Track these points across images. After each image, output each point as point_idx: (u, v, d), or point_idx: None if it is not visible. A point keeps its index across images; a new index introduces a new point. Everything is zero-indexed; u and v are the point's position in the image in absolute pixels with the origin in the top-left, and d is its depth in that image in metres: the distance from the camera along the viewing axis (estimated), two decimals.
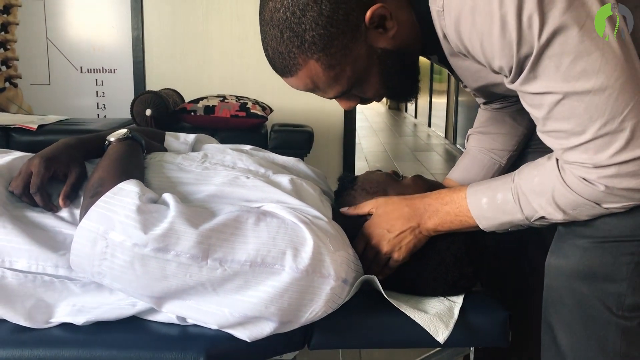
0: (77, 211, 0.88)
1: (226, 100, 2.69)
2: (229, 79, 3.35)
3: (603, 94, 0.69)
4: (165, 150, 1.12)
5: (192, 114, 2.62)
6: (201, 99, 2.70)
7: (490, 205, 0.85)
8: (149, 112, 2.52)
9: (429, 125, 8.40)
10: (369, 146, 6.62)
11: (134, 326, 0.86)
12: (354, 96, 0.90)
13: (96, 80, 3.40)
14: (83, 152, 0.98)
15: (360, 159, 5.21)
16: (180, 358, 0.81)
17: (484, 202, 0.85)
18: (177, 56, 3.36)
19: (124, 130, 1.00)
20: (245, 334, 0.82)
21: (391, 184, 1.02)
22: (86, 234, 0.77)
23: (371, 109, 12.06)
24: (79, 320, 0.85)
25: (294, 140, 2.69)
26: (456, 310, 0.91)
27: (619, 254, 0.79)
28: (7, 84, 3.37)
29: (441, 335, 0.85)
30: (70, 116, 2.91)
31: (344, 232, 0.90)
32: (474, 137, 1.22)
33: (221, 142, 1.26)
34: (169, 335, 0.85)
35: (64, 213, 0.89)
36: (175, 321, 0.86)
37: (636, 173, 0.71)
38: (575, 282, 0.82)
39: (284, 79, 0.86)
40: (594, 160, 0.72)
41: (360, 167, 4.56)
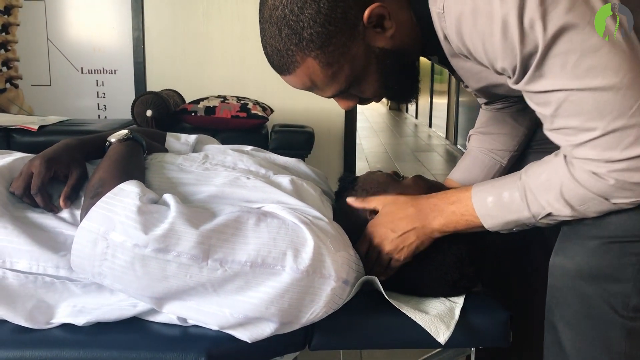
0: (78, 212, 0.88)
1: (227, 101, 2.69)
2: (230, 79, 3.35)
3: (611, 90, 0.68)
4: (166, 151, 1.12)
5: (193, 114, 2.62)
6: (202, 99, 2.70)
7: (496, 203, 0.84)
8: (149, 112, 2.52)
9: (430, 125, 8.40)
10: (369, 147, 6.61)
11: (135, 327, 0.86)
12: (352, 96, 0.90)
13: (97, 81, 3.39)
14: (84, 153, 0.98)
15: (361, 160, 5.21)
16: (181, 359, 0.81)
17: (489, 201, 0.84)
18: (177, 57, 3.36)
19: (125, 131, 1.00)
20: (245, 334, 0.82)
21: (392, 184, 1.02)
22: (87, 235, 0.77)
23: (372, 110, 12.06)
24: (79, 321, 0.85)
25: (294, 140, 2.69)
26: (457, 311, 0.90)
27: (625, 254, 0.78)
28: (8, 85, 3.37)
29: (442, 336, 0.85)
30: (71, 117, 2.91)
31: (345, 232, 0.90)
32: (475, 137, 1.21)
33: (222, 143, 1.26)
34: (170, 335, 0.85)
35: (64, 214, 0.89)
36: (176, 322, 0.86)
37: None
38: (580, 282, 0.81)
39: (282, 77, 0.86)
40: (603, 156, 0.72)
41: (361, 168, 4.56)
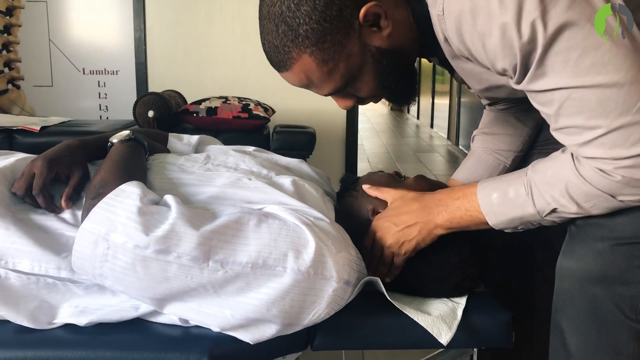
0: (79, 213, 0.88)
1: (228, 102, 2.69)
2: (231, 80, 3.35)
3: (614, 87, 0.68)
4: (168, 151, 1.12)
5: (195, 115, 2.62)
6: (203, 100, 2.70)
7: (501, 200, 0.83)
8: (151, 113, 2.52)
9: (432, 126, 8.38)
10: (371, 147, 6.61)
11: (137, 327, 0.86)
12: (350, 95, 0.90)
13: (98, 81, 3.40)
14: (86, 154, 0.98)
15: (362, 160, 5.21)
16: (183, 359, 0.81)
17: (494, 197, 0.84)
18: (179, 57, 3.36)
19: (127, 132, 1.00)
20: (247, 336, 0.81)
21: (393, 184, 1.02)
22: (87, 236, 0.77)
23: (373, 110, 12.05)
24: (81, 321, 0.85)
25: (296, 141, 2.69)
26: (459, 312, 0.90)
27: (633, 256, 0.77)
28: (9, 86, 3.38)
29: (444, 337, 0.85)
30: (72, 118, 2.92)
31: (347, 233, 0.90)
32: (479, 137, 1.21)
33: (223, 144, 1.26)
34: (172, 336, 0.85)
35: (66, 214, 0.89)
36: (178, 322, 0.86)
37: None
38: (588, 284, 0.80)
39: (280, 74, 0.87)
40: (610, 154, 0.71)
41: (363, 168, 4.55)
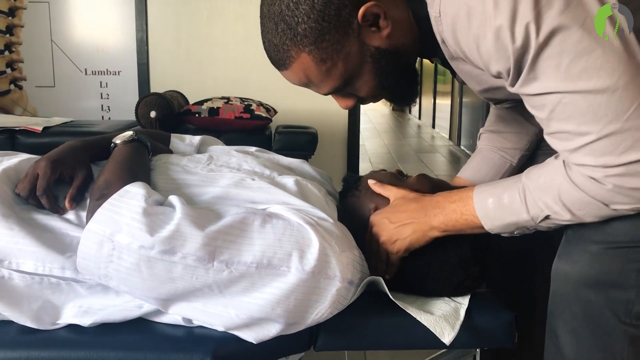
0: (83, 213, 0.88)
1: (230, 102, 2.69)
2: (233, 80, 3.35)
3: (605, 93, 0.67)
4: (171, 152, 1.13)
5: (197, 115, 2.62)
6: (205, 100, 2.70)
7: (496, 205, 0.83)
8: (153, 114, 2.52)
9: (433, 126, 8.38)
10: (372, 147, 6.61)
11: (141, 328, 0.86)
12: (350, 95, 0.91)
13: (100, 82, 3.40)
14: (89, 155, 0.98)
15: (364, 161, 5.21)
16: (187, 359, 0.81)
17: (490, 202, 0.84)
18: (181, 58, 3.37)
19: (130, 133, 1.01)
20: (251, 335, 0.82)
21: (395, 183, 1.02)
22: (93, 237, 0.77)
23: (375, 110, 12.05)
24: (85, 321, 0.85)
25: (298, 141, 2.69)
26: (462, 312, 0.90)
27: (628, 260, 0.77)
28: (12, 86, 3.38)
29: (447, 336, 0.85)
30: (74, 118, 2.92)
31: (350, 233, 0.90)
32: (485, 135, 1.21)
33: (225, 144, 1.26)
34: (176, 336, 0.85)
35: (70, 215, 0.89)
36: (182, 323, 0.86)
37: None
38: (583, 288, 0.80)
39: (280, 72, 0.87)
40: (600, 161, 0.70)
41: (364, 169, 4.56)
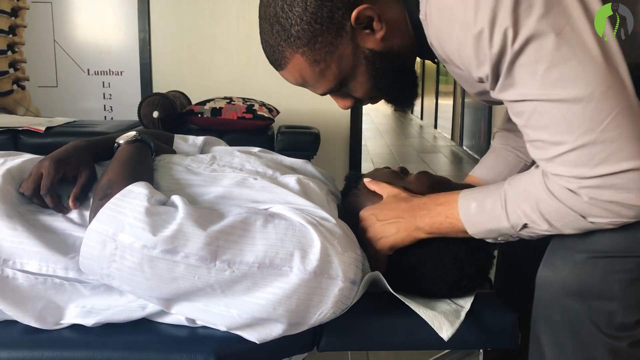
0: (86, 213, 0.89)
1: (233, 102, 2.69)
2: (236, 80, 3.35)
3: (581, 103, 0.66)
4: (174, 152, 1.13)
5: (199, 116, 2.62)
6: (208, 101, 2.70)
7: (479, 210, 0.83)
8: (156, 114, 2.53)
9: (435, 126, 8.38)
10: (374, 148, 6.61)
11: (144, 328, 0.86)
12: (347, 95, 0.91)
13: (103, 82, 3.41)
14: (92, 154, 0.99)
15: (366, 161, 5.21)
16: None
17: (472, 207, 0.84)
18: (183, 58, 3.37)
19: (133, 133, 1.01)
20: (254, 335, 0.82)
21: (395, 180, 1.02)
22: (95, 236, 0.77)
23: (377, 111, 12.04)
24: (88, 321, 0.85)
25: (300, 141, 2.69)
26: (463, 314, 0.90)
27: (612, 270, 0.75)
28: (15, 86, 3.39)
29: (445, 332, 0.84)
30: (77, 118, 2.92)
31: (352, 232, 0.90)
32: (500, 134, 1.19)
33: (228, 144, 1.26)
34: (179, 337, 0.85)
35: (73, 215, 0.89)
36: (185, 323, 0.86)
37: (620, 186, 0.67)
38: (565, 297, 0.79)
39: (279, 72, 0.89)
40: (574, 172, 0.69)
41: (366, 169, 4.55)
